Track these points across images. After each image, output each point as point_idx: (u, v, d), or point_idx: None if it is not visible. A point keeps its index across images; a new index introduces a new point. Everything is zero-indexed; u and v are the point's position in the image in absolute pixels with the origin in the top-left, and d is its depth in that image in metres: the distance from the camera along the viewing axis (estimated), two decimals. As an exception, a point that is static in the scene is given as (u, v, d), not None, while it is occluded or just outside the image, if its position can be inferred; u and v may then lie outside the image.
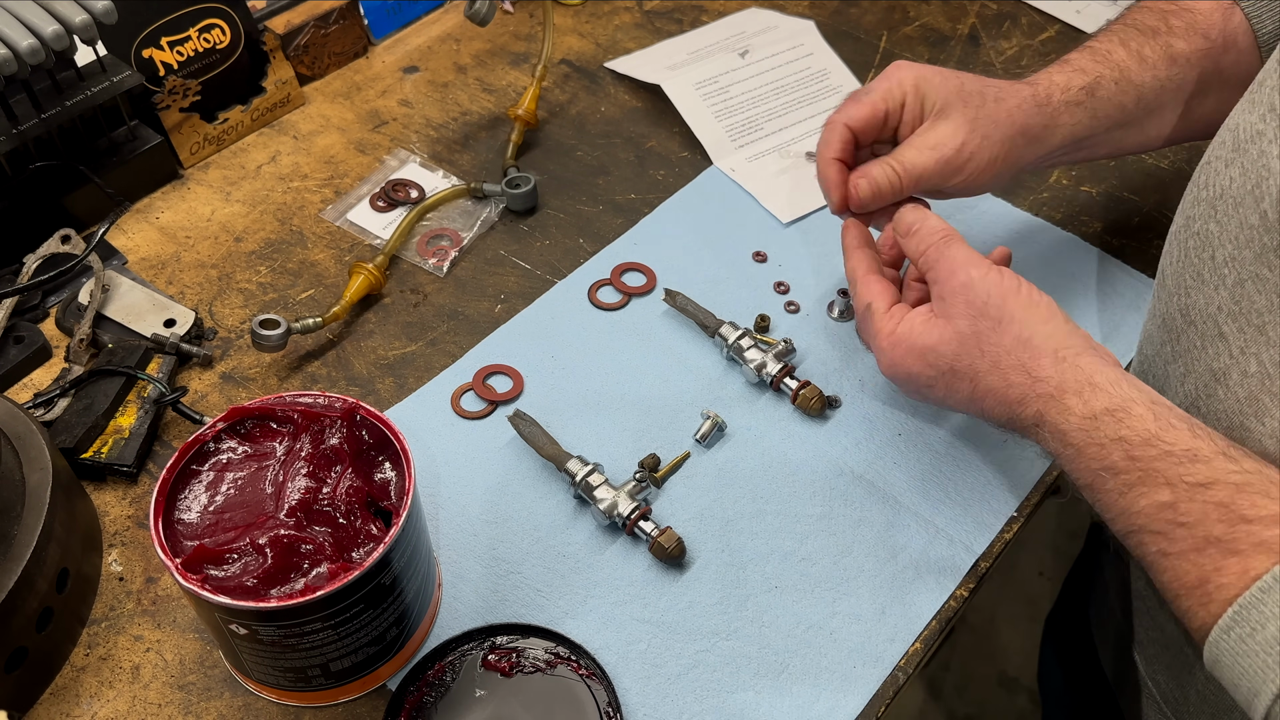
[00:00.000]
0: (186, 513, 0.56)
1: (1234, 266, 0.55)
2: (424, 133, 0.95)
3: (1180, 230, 0.61)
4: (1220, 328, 0.56)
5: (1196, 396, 0.59)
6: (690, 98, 0.94)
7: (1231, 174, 0.56)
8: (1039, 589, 1.64)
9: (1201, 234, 0.58)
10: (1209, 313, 0.57)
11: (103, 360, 0.73)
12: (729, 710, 0.60)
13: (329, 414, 0.59)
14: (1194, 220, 0.59)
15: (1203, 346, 0.58)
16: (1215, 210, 0.57)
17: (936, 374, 0.60)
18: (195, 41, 0.87)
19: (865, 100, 0.69)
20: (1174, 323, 0.61)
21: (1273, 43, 0.71)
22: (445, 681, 0.59)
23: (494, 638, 0.61)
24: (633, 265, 0.83)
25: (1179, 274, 0.60)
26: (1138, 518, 0.52)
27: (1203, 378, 0.58)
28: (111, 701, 0.61)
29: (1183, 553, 0.50)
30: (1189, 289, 0.59)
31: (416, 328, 0.80)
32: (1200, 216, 0.58)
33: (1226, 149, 0.57)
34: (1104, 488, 0.54)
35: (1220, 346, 0.57)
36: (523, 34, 1.05)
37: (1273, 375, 0.53)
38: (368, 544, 0.56)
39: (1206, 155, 0.60)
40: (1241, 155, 0.55)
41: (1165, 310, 0.62)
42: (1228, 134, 0.58)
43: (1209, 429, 0.53)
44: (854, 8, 1.07)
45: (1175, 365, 0.61)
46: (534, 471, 0.70)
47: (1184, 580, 0.50)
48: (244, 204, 0.88)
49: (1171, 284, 0.61)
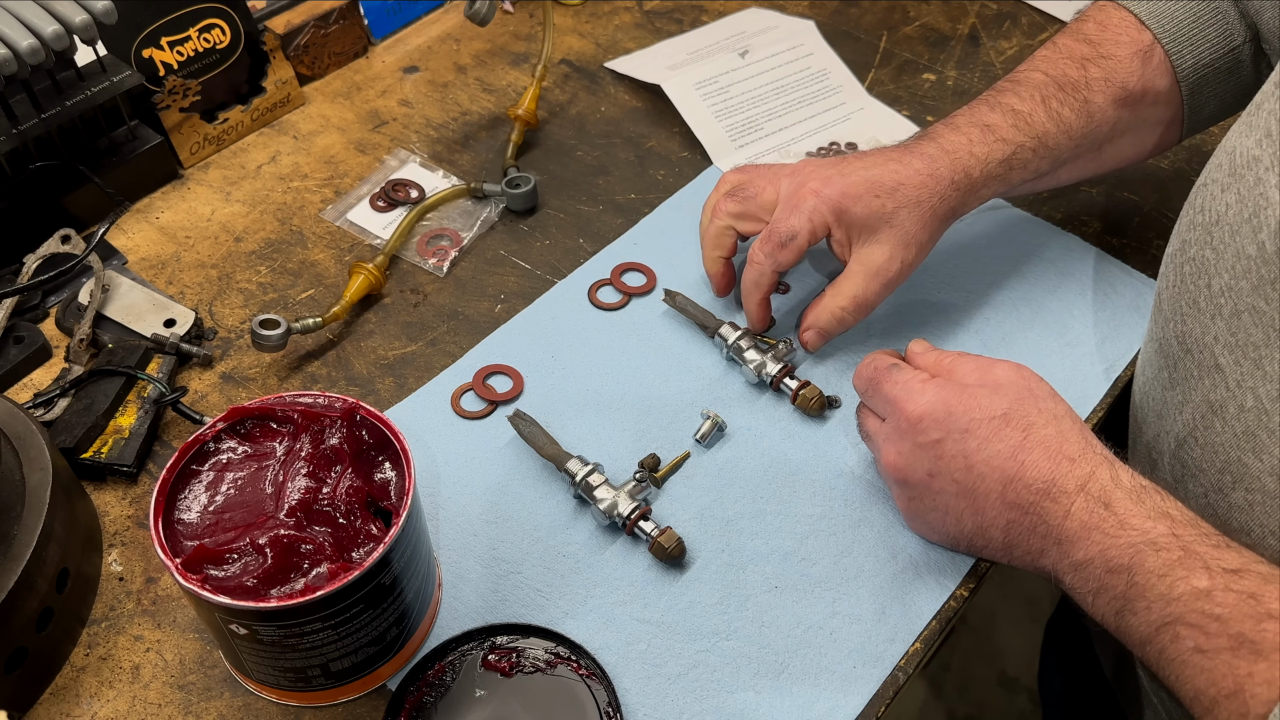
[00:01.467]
0: (186, 513, 0.56)
1: (1230, 296, 0.54)
2: (424, 133, 0.95)
3: (1176, 254, 0.60)
4: (1217, 359, 0.56)
5: (1194, 427, 0.58)
6: (690, 98, 0.94)
7: (1228, 199, 0.55)
8: (1039, 589, 1.64)
9: (1198, 260, 0.57)
10: (1205, 342, 0.56)
11: (103, 360, 0.73)
12: (729, 710, 0.60)
13: (329, 414, 0.59)
14: (1190, 245, 0.58)
15: (1199, 376, 0.57)
16: (1211, 236, 0.56)
17: (984, 417, 0.57)
18: (195, 41, 0.87)
19: (792, 245, 0.69)
20: (1171, 349, 0.60)
21: (1192, 77, 0.71)
22: (445, 681, 0.59)
23: (494, 638, 0.61)
24: (633, 265, 0.83)
25: (1175, 300, 0.59)
26: (1175, 605, 0.50)
27: (1200, 409, 0.58)
28: (111, 701, 0.61)
29: (1217, 650, 0.48)
30: (1185, 316, 0.58)
31: (416, 328, 0.80)
32: (1196, 241, 0.58)
33: (1223, 172, 0.57)
34: (1144, 566, 0.51)
35: (1217, 378, 0.56)
36: (523, 34, 1.05)
37: (1270, 411, 0.52)
38: (368, 544, 0.56)
39: (1203, 177, 0.60)
40: (1238, 180, 0.55)
41: (1162, 335, 0.61)
42: (1224, 156, 0.57)
43: None
44: (854, 8, 1.07)
45: (1173, 393, 0.60)
46: (534, 471, 0.70)
47: (1221, 686, 0.48)
48: (244, 204, 0.88)
49: (1168, 309, 0.61)
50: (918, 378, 0.60)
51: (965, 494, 0.58)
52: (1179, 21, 0.71)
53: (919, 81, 0.99)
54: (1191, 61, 0.71)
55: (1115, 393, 0.74)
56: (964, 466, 0.58)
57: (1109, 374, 0.75)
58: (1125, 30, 0.72)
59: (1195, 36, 0.71)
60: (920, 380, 0.60)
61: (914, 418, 0.59)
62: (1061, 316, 0.79)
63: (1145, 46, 0.71)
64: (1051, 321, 0.78)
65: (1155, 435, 0.64)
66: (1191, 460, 0.60)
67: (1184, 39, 0.71)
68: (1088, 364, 0.76)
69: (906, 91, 0.98)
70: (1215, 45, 0.71)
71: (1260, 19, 0.69)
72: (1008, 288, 0.81)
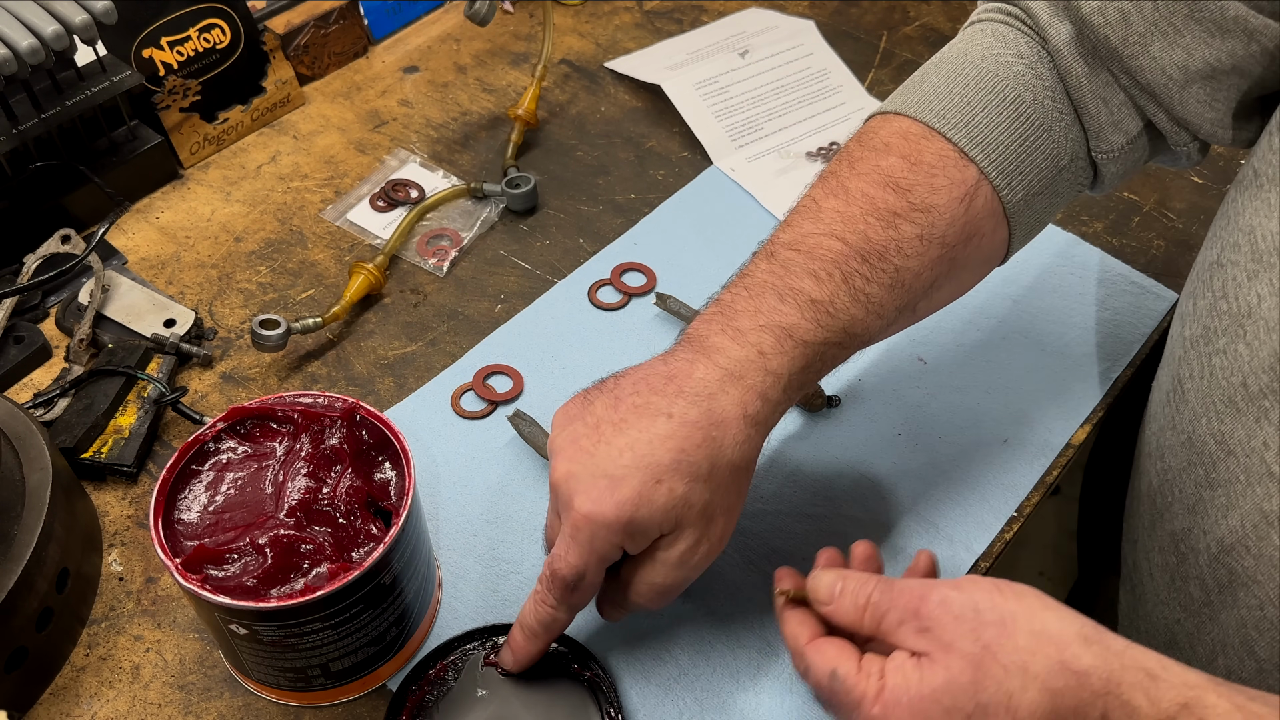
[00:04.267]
0: (186, 513, 0.56)
1: (1277, 400, 0.49)
2: (424, 133, 0.95)
3: (1199, 341, 0.55)
4: (1269, 467, 0.51)
5: (1244, 535, 0.54)
6: (690, 98, 0.94)
7: (1259, 290, 0.50)
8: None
9: (1229, 354, 0.52)
10: (1252, 447, 0.51)
11: (103, 360, 0.73)
12: (729, 710, 0.60)
13: (329, 414, 0.59)
14: (1216, 334, 0.53)
15: (1249, 483, 0.52)
16: (1244, 330, 0.51)
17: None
18: (195, 41, 0.87)
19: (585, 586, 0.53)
20: (1207, 448, 0.55)
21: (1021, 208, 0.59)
22: (447, 680, 0.59)
23: (496, 637, 0.61)
24: (633, 265, 0.83)
25: (1205, 395, 0.55)
26: None
27: (1251, 517, 0.53)
28: (111, 701, 0.61)
29: None
30: (1221, 415, 0.53)
31: (416, 328, 0.80)
32: (1225, 332, 0.53)
33: (1244, 255, 0.52)
34: None
35: (1271, 487, 0.51)
36: (523, 34, 1.05)
37: None
38: (368, 544, 0.56)
39: (1215, 254, 0.54)
40: (1268, 270, 0.49)
41: (1192, 430, 0.56)
42: (1241, 236, 0.52)
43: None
44: (854, 8, 1.07)
45: (1214, 494, 0.55)
46: (534, 471, 0.70)
47: None
48: (244, 204, 0.88)
49: (1196, 404, 0.55)
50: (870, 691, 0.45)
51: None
52: (1006, 149, 0.57)
53: (919, 81, 0.99)
54: (1022, 193, 0.58)
55: (1115, 393, 0.74)
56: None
57: (1109, 374, 0.75)
58: (944, 170, 0.56)
59: (1024, 164, 0.57)
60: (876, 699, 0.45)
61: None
62: (1061, 316, 0.79)
63: (969, 188, 0.56)
64: (1052, 321, 0.78)
65: (1186, 529, 0.60)
66: (1243, 570, 0.56)
67: (1013, 169, 0.57)
68: (1088, 364, 0.76)
69: (906, 91, 0.98)
70: (1043, 169, 0.58)
71: (1185, 111, 0.57)
72: (1008, 287, 0.81)
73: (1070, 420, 0.73)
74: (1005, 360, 0.76)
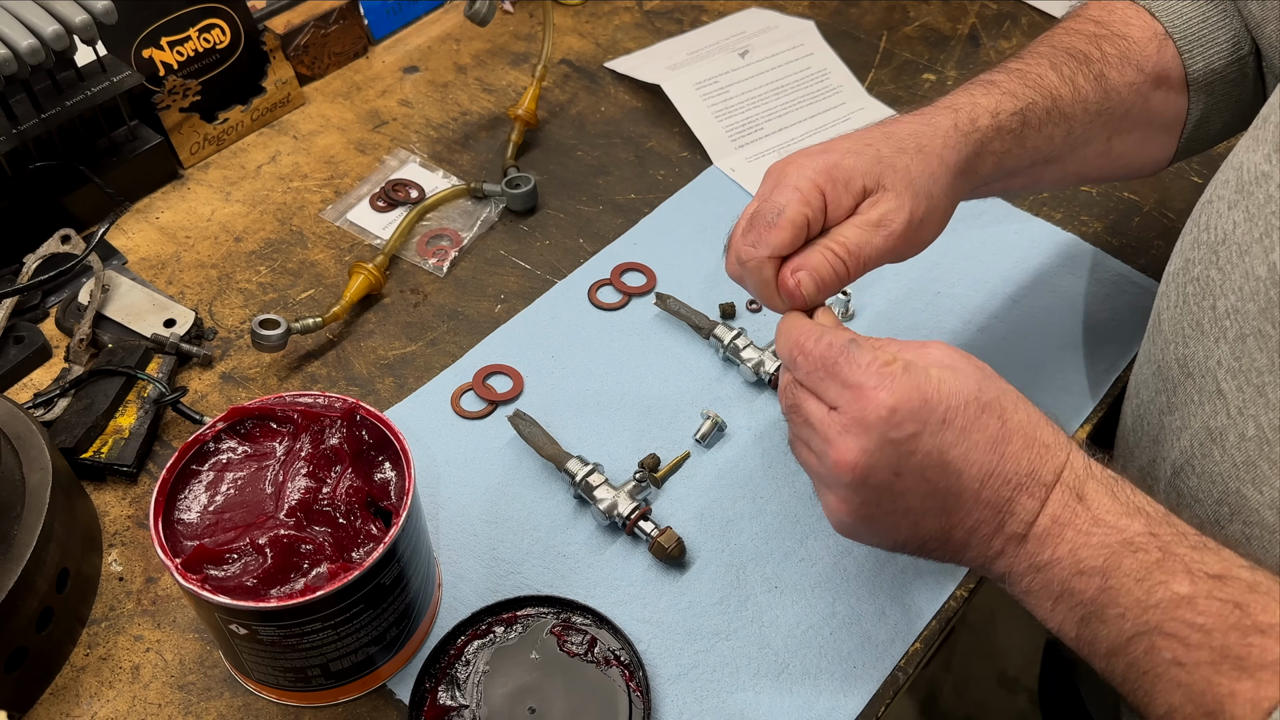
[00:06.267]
0: (186, 513, 0.56)
1: (1236, 319, 0.51)
2: (424, 133, 0.95)
3: (1179, 273, 0.58)
4: (1219, 384, 0.53)
5: (1191, 455, 0.56)
6: (690, 98, 0.94)
7: (1235, 217, 0.53)
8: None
9: (1202, 280, 0.55)
10: (1208, 366, 0.54)
11: (103, 360, 0.73)
12: (729, 710, 0.60)
13: (329, 414, 0.59)
14: (1194, 264, 0.56)
15: (1200, 401, 0.54)
16: (1217, 255, 0.53)
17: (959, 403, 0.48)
18: (195, 41, 0.87)
19: (782, 221, 0.54)
20: (1170, 372, 0.58)
21: (1202, 81, 0.66)
22: (516, 628, 0.61)
23: (573, 614, 0.62)
24: (633, 265, 0.83)
25: (1177, 321, 0.57)
26: (1154, 613, 0.45)
27: (1199, 436, 0.55)
28: (111, 701, 0.61)
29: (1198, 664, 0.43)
30: (1187, 338, 0.56)
31: (416, 328, 0.80)
32: (1201, 261, 0.55)
33: (1230, 189, 0.54)
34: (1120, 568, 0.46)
35: (1218, 404, 0.53)
36: (523, 34, 1.05)
37: (1271, 441, 0.50)
38: (368, 544, 0.56)
39: (1207, 194, 0.57)
40: (1246, 198, 0.52)
41: (1161, 357, 0.59)
42: (1230, 172, 0.55)
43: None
44: (854, 8, 1.07)
45: (1171, 418, 0.58)
46: (534, 471, 0.70)
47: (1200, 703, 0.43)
48: (244, 204, 0.88)
49: (1169, 330, 0.58)
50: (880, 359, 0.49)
51: (935, 494, 0.49)
52: (1189, 20, 0.65)
53: (919, 81, 0.99)
54: (1202, 65, 0.65)
55: (1115, 393, 0.74)
56: (938, 464, 0.48)
57: (1109, 374, 0.75)
58: (1137, 16, 0.66)
59: (1206, 38, 0.65)
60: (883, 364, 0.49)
61: (887, 408, 0.48)
62: (1061, 316, 0.79)
63: (1160, 35, 0.65)
64: (1052, 321, 0.78)
65: (1150, 461, 0.62)
66: (1188, 489, 0.57)
67: (1195, 39, 0.65)
68: (1087, 363, 0.76)
69: (906, 91, 0.98)
70: (1225, 51, 0.66)
71: (1261, 33, 0.65)
72: (1007, 287, 0.81)
73: (1070, 420, 0.73)
74: (1005, 360, 0.76)
